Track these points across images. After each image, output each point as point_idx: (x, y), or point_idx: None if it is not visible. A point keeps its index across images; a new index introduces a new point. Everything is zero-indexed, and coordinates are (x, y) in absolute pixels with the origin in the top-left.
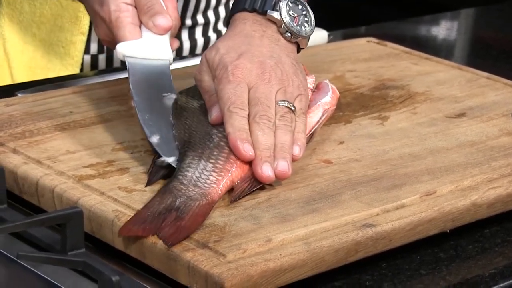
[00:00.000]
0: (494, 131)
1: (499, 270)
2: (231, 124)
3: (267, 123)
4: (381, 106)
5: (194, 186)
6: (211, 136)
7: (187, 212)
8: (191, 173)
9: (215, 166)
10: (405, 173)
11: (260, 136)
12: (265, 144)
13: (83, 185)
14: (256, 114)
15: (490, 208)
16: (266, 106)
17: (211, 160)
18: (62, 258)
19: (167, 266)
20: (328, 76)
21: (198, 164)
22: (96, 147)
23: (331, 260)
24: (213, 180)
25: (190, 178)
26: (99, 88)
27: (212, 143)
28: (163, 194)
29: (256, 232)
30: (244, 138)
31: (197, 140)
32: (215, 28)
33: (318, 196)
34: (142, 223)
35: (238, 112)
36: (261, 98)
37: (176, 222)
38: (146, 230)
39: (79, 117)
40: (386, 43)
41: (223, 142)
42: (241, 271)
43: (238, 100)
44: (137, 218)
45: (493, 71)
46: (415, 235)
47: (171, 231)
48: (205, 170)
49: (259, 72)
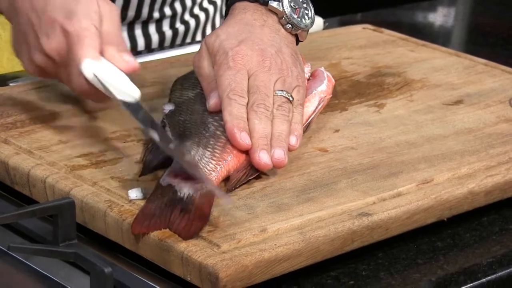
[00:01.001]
0: (492, 118)
1: (497, 258)
2: (229, 111)
3: (265, 112)
4: (377, 93)
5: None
6: (207, 125)
7: (191, 203)
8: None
9: (213, 155)
10: (401, 161)
11: (257, 124)
12: (262, 132)
13: (75, 175)
14: (254, 103)
15: (488, 196)
16: (264, 95)
17: (208, 148)
18: (54, 250)
19: (161, 257)
20: (323, 64)
21: (196, 152)
22: (88, 136)
23: (326, 249)
24: (211, 167)
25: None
26: None
27: (208, 132)
28: (163, 185)
29: (251, 222)
30: (241, 127)
31: (193, 130)
32: (182, 19)
33: (314, 185)
34: (151, 218)
35: (237, 99)
36: (260, 87)
37: (185, 214)
38: (157, 225)
39: (72, 107)
40: (383, 29)
41: (219, 132)
42: (235, 262)
43: (238, 87)
44: (144, 214)
45: (490, 57)
46: (412, 223)
47: (182, 223)
48: (204, 157)
49: (260, 59)
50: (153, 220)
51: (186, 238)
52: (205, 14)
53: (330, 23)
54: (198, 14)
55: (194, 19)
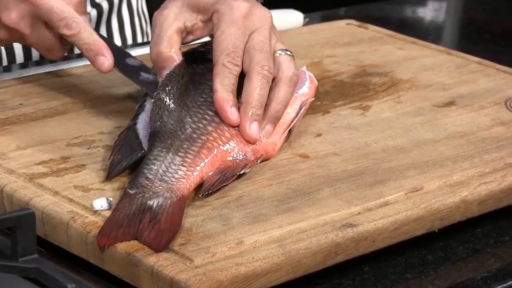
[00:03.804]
0: (486, 121)
1: (492, 273)
2: (220, 80)
3: (268, 75)
4: (362, 94)
5: (160, 181)
6: (184, 125)
7: (161, 212)
8: (157, 166)
9: (184, 160)
10: (388, 167)
11: (255, 89)
12: (258, 100)
13: (35, 184)
14: (259, 63)
15: (482, 205)
16: (269, 55)
17: (179, 153)
18: (12, 265)
19: (129, 272)
20: (304, 62)
21: (165, 157)
22: (49, 142)
23: (308, 263)
24: (181, 174)
25: (155, 172)
26: (51, 77)
27: (184, 134)
28: (131, 192)
29: (226, 234)
30: (231, 100)
31: (168, 128)
32: None
33: (294, 194)
34: (118, 228)
35: (231, 69)
36: (266, 44)
37: (154, 225)
38: (125, 235)
39: (30, 110)
40: (368, 25)
41: (196, 134)
42: (209, 277)
43: (236, 54)
44: (111, 224)
45: (484, 55)
46: (400, 235)
47: (152, 235)
48: (173, 164)
49: (267, 16)
50: (120, 231)
51: (157, 250)
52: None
53: (311, 19)
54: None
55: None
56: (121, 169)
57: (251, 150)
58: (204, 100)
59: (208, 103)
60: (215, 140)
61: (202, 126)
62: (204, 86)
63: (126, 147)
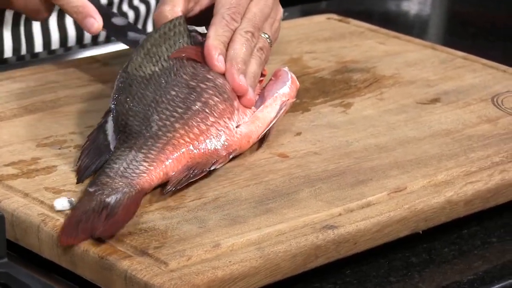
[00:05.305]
0: (472, 118)
1: (478, 275)
2: (215, 29)
3: (251, 41)
4: (343, 91)
5: (121, 177)
6: (151, 123)
7: (118, 207)
8: (119, 164)
9: (146, 156)
10: (371, 167)
11: (240, 50)
12: (243, 58)
13: (4, 186)
14: (246, 28)
15: (468, 205)
16: (258, 28)
17: (142, 150)
18: None
19: (101, 276)
20: (283, 59)
21: (127, 155)
22: (18, 142)
23: (287, 267)
24: (143, 169)
25: (117, 170)
26: (20, 76)
27: (149, 132)
28: (90, 190)
29: (202, 236)
30: (221, 49)
31: (133, 127)
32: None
33: (272, 195)
34: (77, 225)
35: (229, 22)
36: (259, 17)
37: (110, 219)
38: (84, 231)
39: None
40: (349, 20)
41: (161, 132)
42: (185, 281)
43: (238, 11)
44: (70, 221)
45: (470, 50)
46: (383, 237)
47: (106, 227)
48: (134, 160)
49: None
50: (80, 228)
51: (106, 237)
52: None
53: (290, 13)
54: (137, 5)
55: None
56: (89, 174)
57: (222, 146)
58: (176, 94)
59: (180, 99)
60: (181, 137)
61: (170, 124)
62: (180, 78)
63: (94, 150)
